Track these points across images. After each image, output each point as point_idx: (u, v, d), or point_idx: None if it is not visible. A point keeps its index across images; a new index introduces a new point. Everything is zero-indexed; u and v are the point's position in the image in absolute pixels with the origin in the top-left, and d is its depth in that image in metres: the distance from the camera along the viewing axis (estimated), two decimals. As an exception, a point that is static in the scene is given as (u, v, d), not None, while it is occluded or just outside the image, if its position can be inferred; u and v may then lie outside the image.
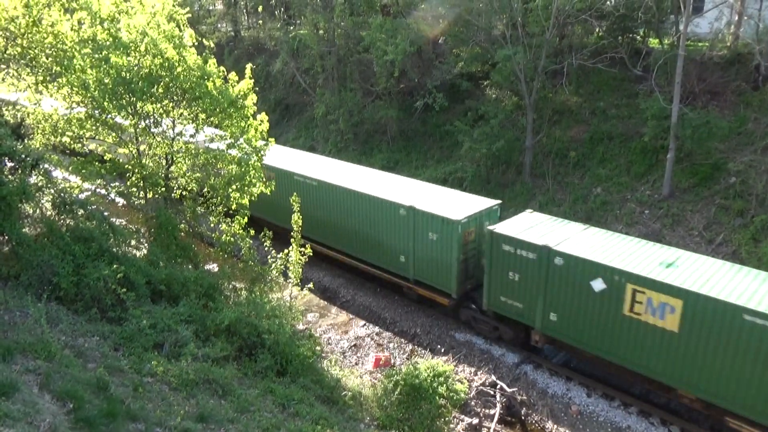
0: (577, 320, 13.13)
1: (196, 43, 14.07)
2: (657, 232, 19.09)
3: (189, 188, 15.13)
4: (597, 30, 24.31)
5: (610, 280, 12.26)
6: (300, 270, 14.55)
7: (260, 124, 14.57)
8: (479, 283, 15.63)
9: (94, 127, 13.92)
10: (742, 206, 18.17)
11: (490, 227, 14.52)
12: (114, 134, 14.15)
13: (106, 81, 12.49)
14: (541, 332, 14.03)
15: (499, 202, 16.52)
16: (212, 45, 16.82)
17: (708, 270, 12.01)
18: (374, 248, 17.64)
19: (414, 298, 17.63)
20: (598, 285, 12.46)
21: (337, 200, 18.17)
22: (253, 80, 14.32)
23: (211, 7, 44.09)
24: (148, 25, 13.07)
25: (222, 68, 14.05)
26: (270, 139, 15.16)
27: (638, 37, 24.86)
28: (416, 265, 16.54)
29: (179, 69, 13.14)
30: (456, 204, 16.05)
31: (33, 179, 10.72)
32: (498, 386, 14.11)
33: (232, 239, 15.04)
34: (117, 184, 15.39)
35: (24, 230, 10.24)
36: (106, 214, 12.29)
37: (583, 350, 13.43)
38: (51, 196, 11.16)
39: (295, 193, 15.76)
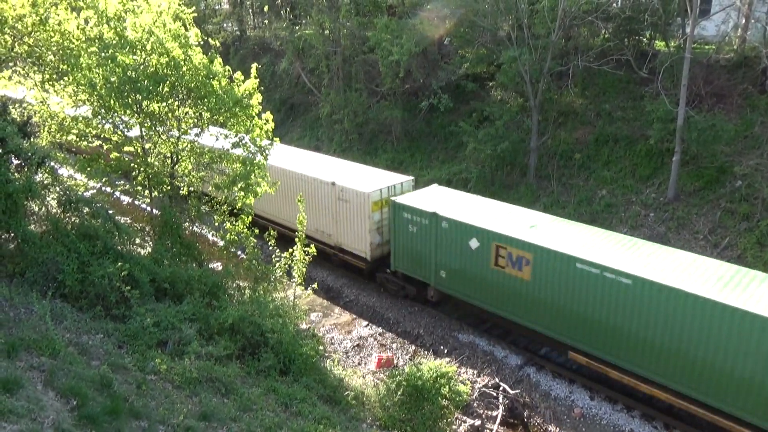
0: None
1: (202, 43, 14.10)
2: (662, 236, 19.03)
3: (194, 187, 15.17)
4: (603, 32, 24.25)
5: None
6: (304, 270, 14.56)
7: (265, 124, 14.60)
8: None
9: (99, 125, 13.98)
10: (748, 210, 18.10)
11: None
12: (119, 132, 14.21)
13: (113, 80, 12.53)
14: None
15: None
16: (218, 44, 16.81)
17: None
18: (722, 382, 11.44)
19: None
20: None
21: (668, 307, 11.79)
22: (258, 80, 14.35)
23: (217, 7, 44.16)
24: (154, 24, 13.10)
25: (227, 67, 14.08)
26: (275, 139, 15.18)
27: (644, 39, 24.79)
28: None
29: (185, 68, 13.17)
30: None
31: (39, 177, 10.77)
32: (501, 388, 14.08)
33: (236, 238, 15.07)
34: (122, 182, 15.45)
35: (30, 227, 10.29)
36: (111, 212, 12.33)
37: None
38: (57, 194, 11.21)
39: (300, 198, 15.45)
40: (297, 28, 33.96)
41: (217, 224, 15.60)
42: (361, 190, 17.35)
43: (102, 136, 14.47)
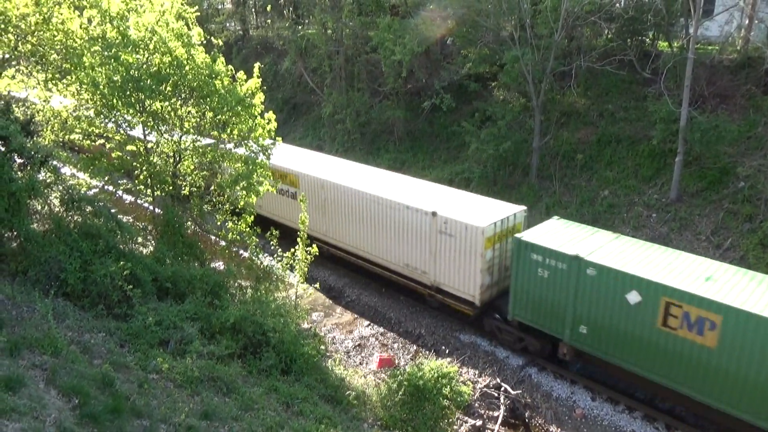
0: None
1: (205, 42, 14.14)
2: (664, 236, 19.00)
3: (196, 186, 15.20)
4: (606, 32, 24.22)
5: None
6: (306, 269, 14.57)
7: (268, 123, 14.62)
8: None
9: (102, 124, 14.02)
10: (751, 211, 18.06)
11: None
12: (122, 131, 14.24)
13: (116, 78, 12.57)
14: None
15: None
16: (221, 44, 16.92)
17: None
18: None
19: None
20: None
21: None
22: (260, 79, 14.37)
23: (219, 6, 44.23)
24: (157, 23, 13.15)
25: (230, 67, 14.11)
26: (277, 138, 15.20)
27: (647, 39, 24.75)
28: None
29: (188, 67, 13.21)
30: None
31: (42, 176, 10.79)
32: (502, 388, 14.08)
33: (238, 237, 15.10)
34: (125, 181, 15.49)
35: (32, 226, 10.31)
36: (113, 211, 12.36)
37: None
38: (59, 193, 11.25)
39: (303, 198, 15.37)
40: (300, 27, 34.01)
41: (219, 223, 15.63)
42: (473, 223, 14.64)
43: (105, 135, 14.51)
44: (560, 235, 14.03)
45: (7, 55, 13.39)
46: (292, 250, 14.62)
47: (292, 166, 19.64)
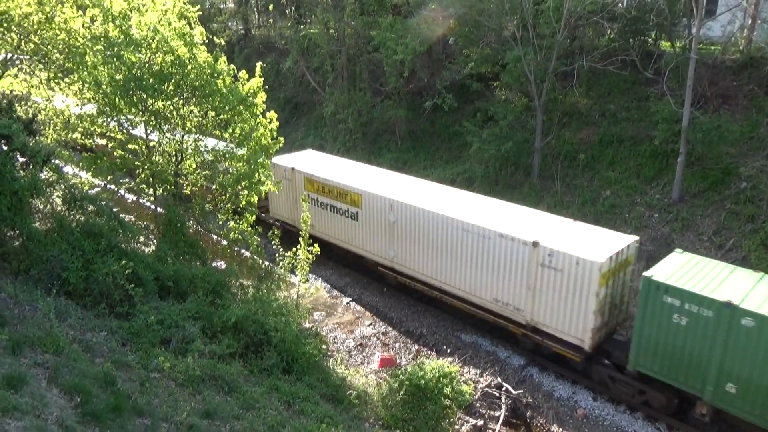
0: None
1: (207, 41, 14.15)
2: (666, 237, 18.98)
3: (198, 185, 15.21)
4: (608, 32, 24.20)
5: None
6: (308, 269, 14.58)
7: (270, 123, 14.63)
8: None
9: (105, 123, 14.05)
10: (753, 212, 18.03)
11: None
12: (124, 130, 14.27)
13: (118, 78, 12.59)
14: None
15: None
16: (223, 43, 16.92)
17: None
18: None
19: None
20: None
21: None
22: (262, 78, 14.38)
23: (222, 5, 44.25)
24: (159, 22, 13.17)
25: (232, 66, 14.12)
26: (279, 138, 15.21)
27: (650, 39, 24.73)
28: None
29: (190, 66, 13.23)
30: None
31: (44, 174, 10.81)
32: (503, 388, 14.08)
33: (240, 237, 15.11)
34: (127, 180, 15.51)
35: (35, 225, 10.33)
36: (115, 210, 12.37)
37: None
38: (61, 192, 11.26)
39: (304, 197, 15.35)
40: (302, 27, 34.00)
41: (221, 223, 15.64)
42: (587, 257, 12.89)
43: (107, 134, 14.53)
44: (695, 273, 12.11)
45: (9, 54, 13.42)
46: (294, 249, 14.65)
47: (353, 183, 18.09)
